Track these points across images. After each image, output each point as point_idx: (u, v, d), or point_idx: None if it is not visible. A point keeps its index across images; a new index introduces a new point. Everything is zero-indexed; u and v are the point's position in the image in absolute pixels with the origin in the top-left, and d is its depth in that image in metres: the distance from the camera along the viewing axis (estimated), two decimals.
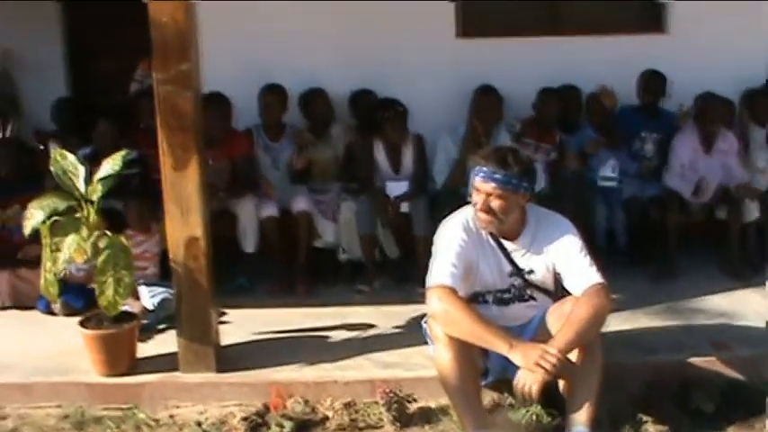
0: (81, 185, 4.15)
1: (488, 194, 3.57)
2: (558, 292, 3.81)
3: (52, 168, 4.19)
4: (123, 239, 4.14)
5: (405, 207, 5.27)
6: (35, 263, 4.62)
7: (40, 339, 4.70)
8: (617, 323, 4.61)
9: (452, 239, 3.65)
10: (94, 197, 4.17)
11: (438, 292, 3.48)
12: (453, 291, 3.48)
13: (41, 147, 6.10)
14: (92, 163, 5.31)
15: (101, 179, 4.16)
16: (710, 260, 5.58)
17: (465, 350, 3.46)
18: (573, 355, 3.48)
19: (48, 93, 6.67)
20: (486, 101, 5.34)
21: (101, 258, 4.05)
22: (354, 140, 5.64)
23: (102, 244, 4.07)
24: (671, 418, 3.89)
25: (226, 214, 5.41)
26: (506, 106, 5.62)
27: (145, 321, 4.75)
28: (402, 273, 5.40)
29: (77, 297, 4.95)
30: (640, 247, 5.61)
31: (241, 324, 4.87)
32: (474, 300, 3.79)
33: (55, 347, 4.54)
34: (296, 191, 5.50)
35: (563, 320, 3.48)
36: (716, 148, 5.50)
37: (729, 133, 5.57)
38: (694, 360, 4.20)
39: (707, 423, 3.87)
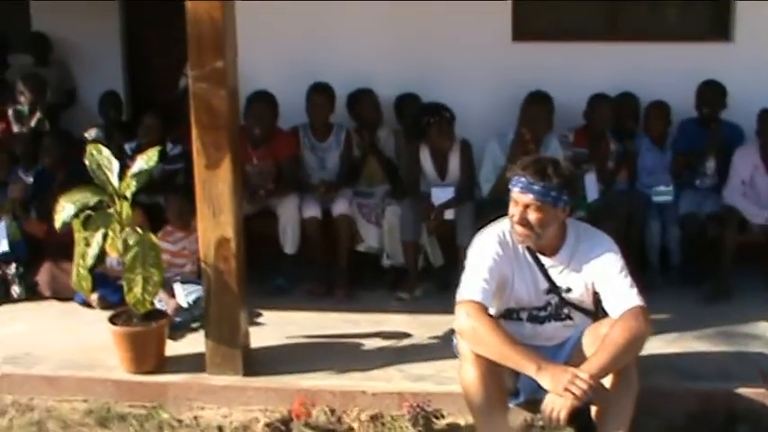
0: (114, 180, 4.12)
1: (526, 206, 3.40)
2: (597, 312, 3.62)
3: (87, 162, 4.16)
4: (153, 237, 4.09)
5: (449, 214, 5.12)
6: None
7: (73, 332, 4.70)
8: (662, 345, 4.43)
9: (486, 253, 3.49)
10: (128, 192, 4.14)
11: (467, 308, 3.33)
12: (483, 307, 3.33)
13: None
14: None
15: (134, 175, 4.12)
16: None
17: (492, 369, 3.30)
18: (607, 381, 3.30)
19: (105, 86, 6.74)
20: (536, 108, 5.15)
21: (129, 255, 4.01)
22: (400, 145, 5.51)
23: (131, 241, 4.03)
24: None
25: (267, 214, 5.35)
26: (560, 114, 5.42)
27: (178, 319, 4.72)
28: (445, 281, 5.23)
29: (115, 291, 4.91)
30: (695, 265, 5.34)
31: (275, 326, 4.81)
32: (507, 316, 3.63)
33: (86, 341, 4.53)
34: (342, 193, 5.39)
35: (598, 343, 3.30)
36: None
37: None
38: (743, 390, 3.95)
39: None
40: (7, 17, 7.29)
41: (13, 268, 5.28)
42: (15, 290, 5.25)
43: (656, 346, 4.40)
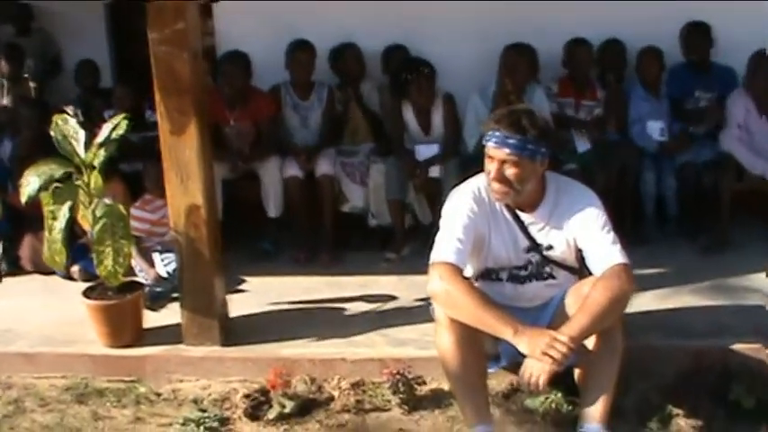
0: (81, 151, 3.98)
1: (502, 162, 3.22)
2: (582, 269, 3.46)
3: (52, 133, 4.03)
4: (121, 208, 3.95)
5: (435, 171, 4.95)
6: None
7: (52, 307, 4.60)
8: (655, 301, 4.29)
9: (460, 211, 3.33)
10: (96, 162, 4.01)
11: (440, 270, 3.18)
12: (457, 269, 3.18)
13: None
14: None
15: (101, 144, 3.98)
16: None
17: (469, 334, 3.16)
18: (589, 342, 3.17)
19: (90, 53, 6.58)
20: (515, 58, 4.94)
21: (97, 227, 3.89)
22: (385, 100, 5.33)
23: (98, 212, 3.90)
24: (705, 411, 3.53)
25: (250, 177, 5.21)
26: (548, 66, 5.23)
27: (158, 289, 4.61)
28: (433, 239, 5.08)
29: None
30: (692, 216, 5.16)
31: (258, 293, 4.70)
32: (486, 277, 3.49)
33: (66, 316, 4.41)
34: (324, 152, 5.24)
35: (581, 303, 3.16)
36: None
37: None
38: (737, 347, 3.79)
39: (745, 419, 3.48)
40: None
41: None
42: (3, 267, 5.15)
43: (650, 302, 4.28)
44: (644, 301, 4.24)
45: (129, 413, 3.83)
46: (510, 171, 3.22)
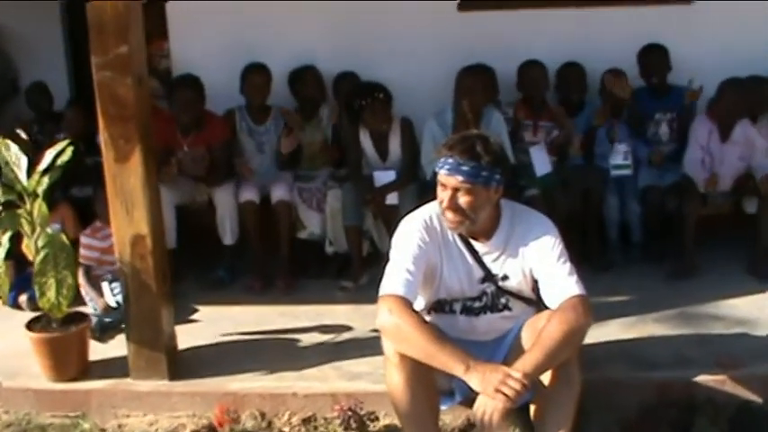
0: (23, 178, 3.84)
1: (455, 190, 3.11)
2: (540, 300, 3.34)
3: None
4: (63, 237, 3.81)
5: (392, 198, 4.82)
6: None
7: None
8: (619, 331, 4.19)
9: (410, 241, 3.21)
10: (39, 190, 3.86)
11: (389, 303, 3.05)
12: (406, 302, 3.06)
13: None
14: None
15: (44, 171, 3.84)
16: (736, 259, 4.97)
17: (420, 370, 3.03)
18: (545, 377, 3.05)
19: (48, 74, 6.41)
20: (471, 80, 4.82)
21: (39, 258, 3.73)
22: (341, 124, 5.22)
23: (40, 242, 3.75)
24: None
25: (206, 203, 5.07)
26: (510, 87, 5.14)
27: (107, 319, 4.45)
28: None
29: None
30: (657, 241, 5.08)
31: (210, 323, 4.56)
32: (439, 308, 3.37)
33: (10, 347, 4.24)
34: (280, 177, 5.11)
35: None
36: (733, 138, 4.93)
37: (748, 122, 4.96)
38: (701, 378, 3.69)
39: None
40: None
41: None
42: None
43: (613, 331, 4.18)
44: (607, 331, 4.15)
45: None
46: (463, 199, 3.12)
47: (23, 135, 5.79)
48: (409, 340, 2.99)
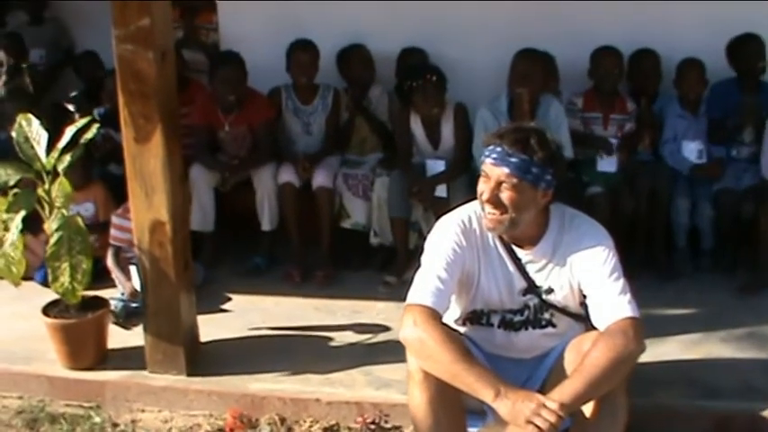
0: (42, 155, 3.63)
1: (499, 183, 2.77)
2: (590, 317, 2.98)
3: (13, 134, 3.69)
4: (79, 220, 3.59)
5: (441, 191, 4.48)
6: (39, 230, 4.15)
7: (20, 318, 4.23)
8: (680, 350, 3.80)
9: (445, 244, 2.88)
10: (60, 168, 3.65)
11: (414, 315, 2.73)
12: (434, 314, 2.74)
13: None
14: (108, 124, 4.88)
15: (65, 148, 3.62)
16: None
17: (445, 390, 2.71)
18: (587, 406, 2.70)
19: (104, 45, 6.23)
20: (527, 65, 4.40)
21: (52, 240, 3.52)
22: (395, 108, 4.90)
23: (54, 224, 3.54)
24: None
25: (246, 186, 4.82)
26: (575, 77, 4.76)
27: (133, 305, 4.23)
28: None
29: None
30: (730, 250, 4.62)
31: (240, 314, 4.32)
32: (475, 320, 3.04)
33: (32, 330, 4.03)
34: (324, 162, 4.82)
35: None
36: None
37: None
38: None
39: None
40: None
41: None
42: None
43: (672, 350, 3.79)
44: (666, 350, 3.77)
45: None
46: (506, 194, 2.77)
47: (70, 107, 5.69)
48: (434, 357, 2.67)
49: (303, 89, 4.97)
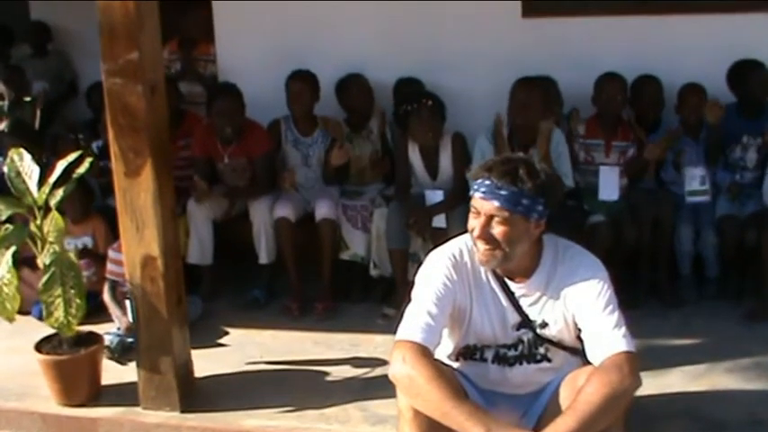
0: (34, 190, 3.61)
1: (489, 217, 2.72)
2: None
3: (5, 169, 3.67)
4: (71, 256, 3.56)
5: (439, 221, 4.42)
6: (36, 265, 4.12)
7: (16, 353, 4.19)
8: (684, 381, 3.73)
9: (434, 279, 2.82)
10: (52, 203, 3.63)
11: (403, 351, 2.66)
12: (424, 350, 2.67)
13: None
14: (107, 156, 4.87)
15: (56, 182, 3.60)
16: None
17: (437, 430, 2.63)
18: None
19: None
20: (526, 93, 4.34)
21: (45, 276, 3.50)
22: (392, 137, 4.86)
23: (47, 260, 3.51)
24: None
25: (245, 218, 4.79)
26: (577, 101, 4.71)
27: (129, 340, 4.18)
28: None
29: None
30: (734, 278, 4.55)
31: (237, 348, 4.29)
32: (468, 355, 2.97)
33: (27, 365, 3.98)
34: (326, 193, 4.79)
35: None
36: None
37: None
38: None
39: None
40: (7, 6, 6.87)
41: None
42: None
43: (676, 382, 3.72)
44: (670, 381, 3.71)
45: None
46: (498, 229, 2.71)
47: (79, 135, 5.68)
48: (423, 395, 2.60)
49: (303, 121, 4.94)
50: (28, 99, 5.95)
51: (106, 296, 4.41)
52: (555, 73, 4.75)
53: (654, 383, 3.67)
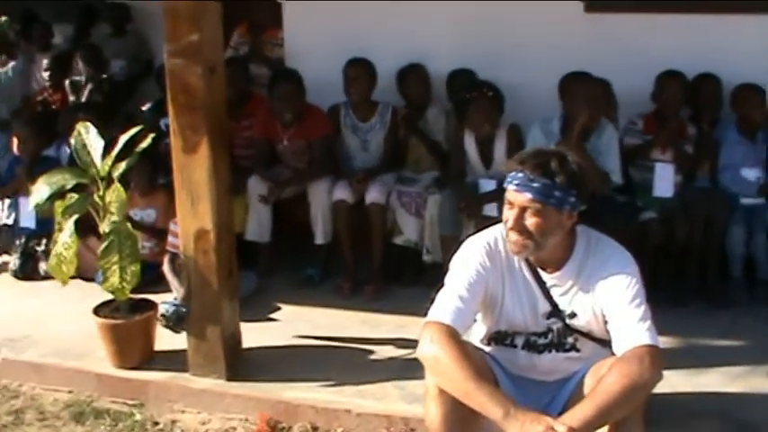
0: (98, 162, 3.82)
1: (523, 209, 2.78)
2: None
3: (72, 141, 3.90)
4: (129, 226, 3.77)
5: (491, 209, 4.48)
6: None
7: (78, 316, 4.40)
8: (722, 381, 3.73)
9: (468, 265, 2.91)
10: (114, 175, 3.84)
11: (431, 332, 2.78)
12: (451, 332, 2.76)
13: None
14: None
15: (119, 155, 3.81)
16: None
17: (460, 409, 2.72)
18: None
19: None
20: (576, 88, 4.38)
21: (104, 244, 3.71)
22: (450, 127, 4.94)
23: (106, 228, 3.72)
24: None
25: (303, 198, 4.94)
26: (638, 98, 4.70)
27: (184, 310, 4.34)
28: None
29: None
30: None
31: (287, 323, 4.44)
32: (499, 341, 3.05)
33: (87, 328, 4.19)
34: (380, 179, 4.90)
35: None
36: None
37: None
38: None
39: None
40: None
41: (42, 245, 5.12)
42: (42, 267, 5.07)
43: (715, 382, 3.72)
44: (708, 380, 3.72)
45: None
46: (531, 220, 2.78)
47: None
48: (447, 374, 2.70)
49: (361, 106, 5.07)
50: (104, 77, 6.20)
51: (166, 267, 4.59)
52: (614, 68, 4.73)
53: (691, 382, 3.69)
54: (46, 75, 6.22)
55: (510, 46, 5.07)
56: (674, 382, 3.65)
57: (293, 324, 4.39)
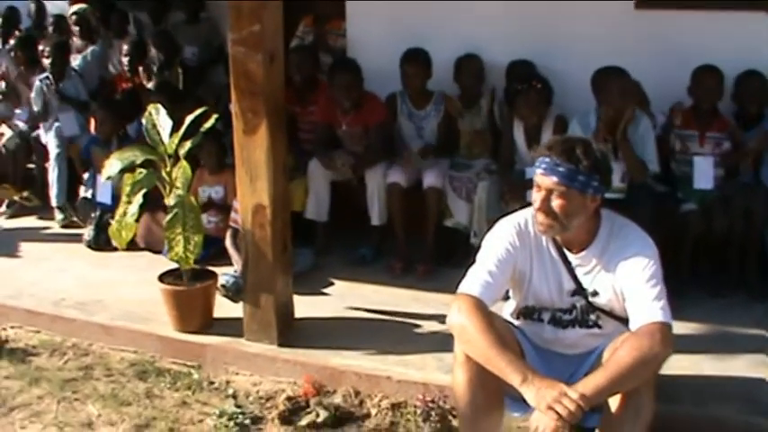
0: (166, 140, 4.14)
1: (549, 191, 3.00)
2: None
3: (143, 121, 4.23)
4: (192, 200, 4.08)
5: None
6: None
7: (145, 284, 4.73)
8: (746, 366, 3.86)
9: (499, 243, 3.14)
10: (180, 153, 4.15)
11: (460, 302, 3.01)
12: (479, 303, 2.99)
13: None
14: None
15: (183, 135, 4.12)
16: None
17: (485, 375, 2.94)
18: (614, 402, 2.89)
19: None
20: (609, 83, 4.52)
21: (169, 216, 4.03)
22: (501, 115, 5.15)
23: (171, 202, 4.04)
24: None
25: (360, 182, 5.21)
26: (668, 94, 4.85)
27: (243, 281, 4.68)
28: None
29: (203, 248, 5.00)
30: None
31: (340, 297, 4.71)
32: (527, 315, 3.28)
33: (151, 294, 4.52)
34: (435, 164, 5.13)
35: None
36: None
37: None
38: None
39: None
40: None
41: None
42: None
43: (740, 366, 3.86)
44: (734, 365, 3.87)
45: (178, 397, 3.97)
46: (557, 202, 3.00)
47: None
48: (472, 342, 2.94)
49: (417, 95, 5.30)
50: (176, 62, 6.53)
51: (228, 241, 4.91)
52: (662, 64, 4.89)
53: (717, 366, 3.83)
54: (125, 60, 6.56)
55: (563, 39, 5.22)
56: (702, 366, 3.83)
57: (345, 298, 4.66)
